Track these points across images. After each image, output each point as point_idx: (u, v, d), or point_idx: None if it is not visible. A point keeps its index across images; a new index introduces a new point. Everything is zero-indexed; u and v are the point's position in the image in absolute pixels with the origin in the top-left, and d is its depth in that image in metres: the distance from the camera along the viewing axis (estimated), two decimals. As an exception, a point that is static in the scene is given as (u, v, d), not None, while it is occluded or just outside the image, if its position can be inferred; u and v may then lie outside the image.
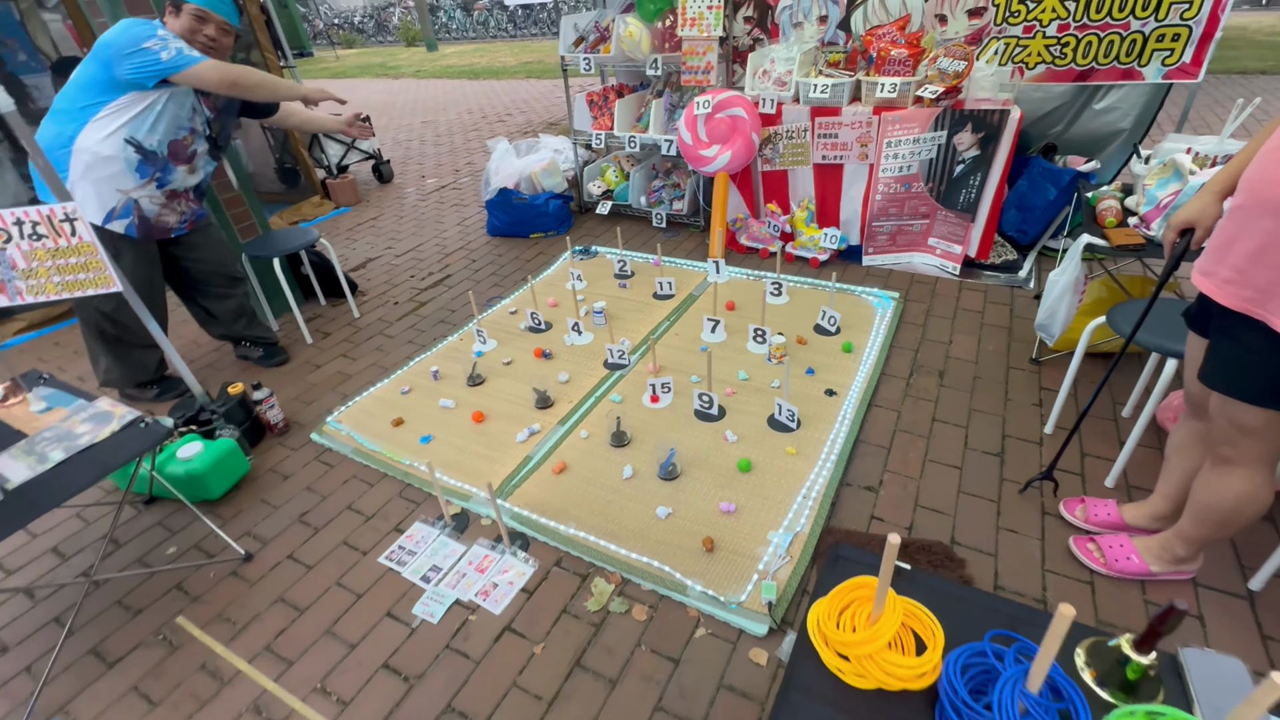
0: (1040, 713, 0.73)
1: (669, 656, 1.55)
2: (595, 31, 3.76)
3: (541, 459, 2.17)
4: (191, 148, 2.28)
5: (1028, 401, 2.28)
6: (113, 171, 2.14)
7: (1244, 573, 1.62)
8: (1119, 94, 3.10)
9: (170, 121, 2.19)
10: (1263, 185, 1.13)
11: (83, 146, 2.09)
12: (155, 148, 2.18)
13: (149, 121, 2.14)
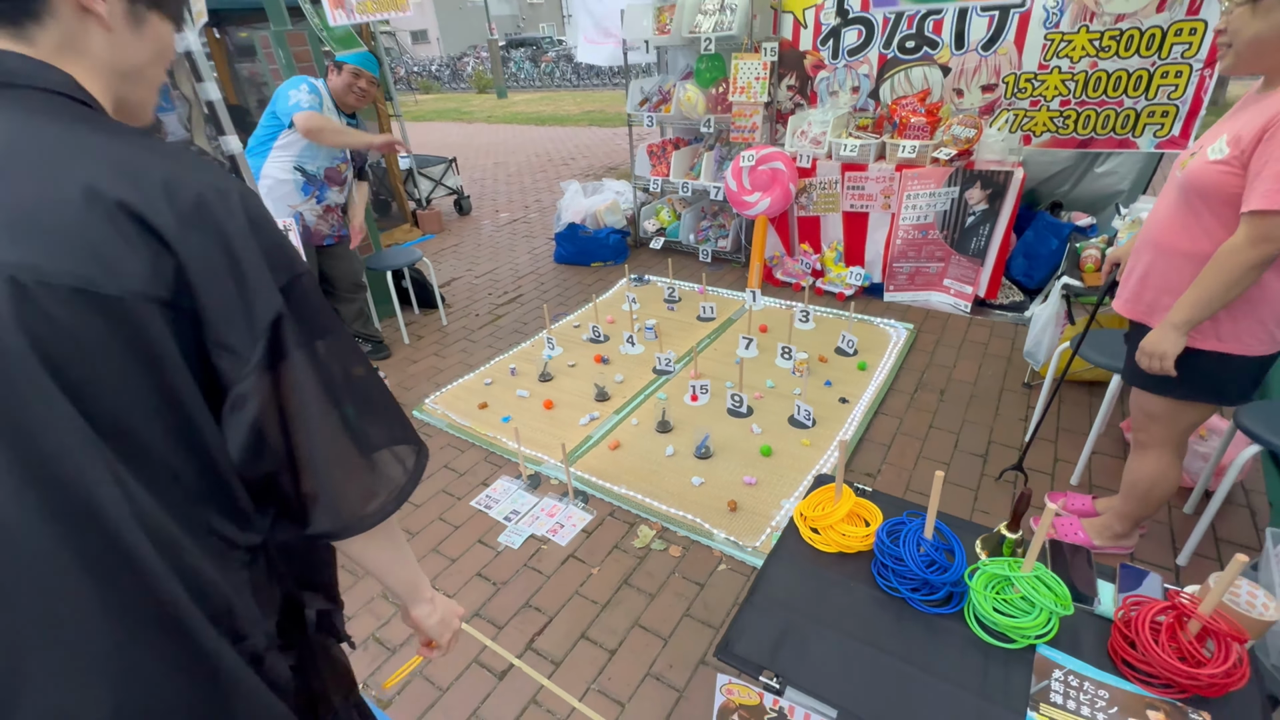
0: (930, 549, 1.17)
1: (696, 581, 1.99)
2: (658, 94, 4.40)
3: (600, 438, 2.66)
4: (344, 175, 2.96)
5: (1015, 417, 2.66)
6: (285, 191, 2.81)
7: (1175, 552, 1.96)
8: (1118, 159, 3.51)
9: (326, 153, 2.85)
10: (1145, 229, 1.57)
11: (266, 174, 2.78)
12: (315, 172, 2.85)
13: (311, 153, 2.80)
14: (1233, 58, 1.34)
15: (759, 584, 1.26)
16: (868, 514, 1.35)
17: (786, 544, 1.36)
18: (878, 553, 1.24)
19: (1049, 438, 2.50)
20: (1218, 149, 1.38)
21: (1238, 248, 1.33)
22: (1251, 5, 1.27)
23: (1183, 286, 1.48)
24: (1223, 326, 1.47)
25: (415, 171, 5.94)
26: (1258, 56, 1.31)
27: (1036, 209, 3.73)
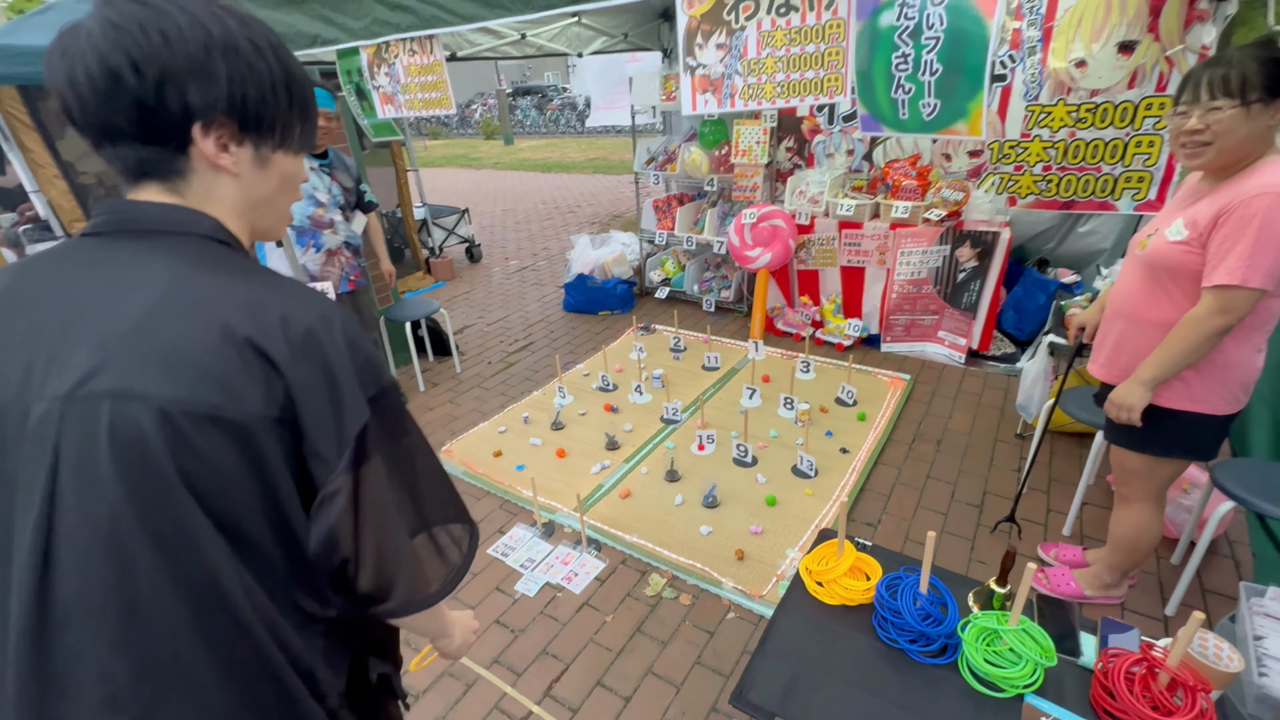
0: (925, 603, 1.28)
1: (706, 629, 2.08)
2: (664, 154, 4.66)
3: (611, 487, 2.77)
4: (327, 216, 2.92)
5: (1009, 468, 2.78)
6: (283, 250, 2.93)
7: (1163, 602, 2.06)
8: (1099, 220, 3.71)
9: (299, 206, 2.83)
10: (1113, 300, 1.73)
11: None
12: (301, 224, 2.86)
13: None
14: (1214, 155, 1.43)
15: (770, 634, 1.36)
16: (868, 568, 1.46)
17: (794, 596, 1.47)
18: (878, 606, 1.35)
19: (1040, 488, 2.62)
20: (1176, 231, 1.55)
21: (1200, 317, 1.49)
22: (1245, 109, 1.36)
23: (1149, 351, 1.63)
24: (1194, 389, 1.61)
25: (429, 221, 6.19)
26: (1238, 153, 1.42)
27: (1025, 264, 3.92)
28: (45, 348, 0.58)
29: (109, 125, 0.61)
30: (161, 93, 0.60)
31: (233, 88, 0.63)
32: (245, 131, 0.67)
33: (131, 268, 0.62)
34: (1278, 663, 1.42)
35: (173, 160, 0.65)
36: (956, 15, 1.01)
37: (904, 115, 1.15)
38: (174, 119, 0.62)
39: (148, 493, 0.57)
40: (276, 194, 0.74)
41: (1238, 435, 2.55)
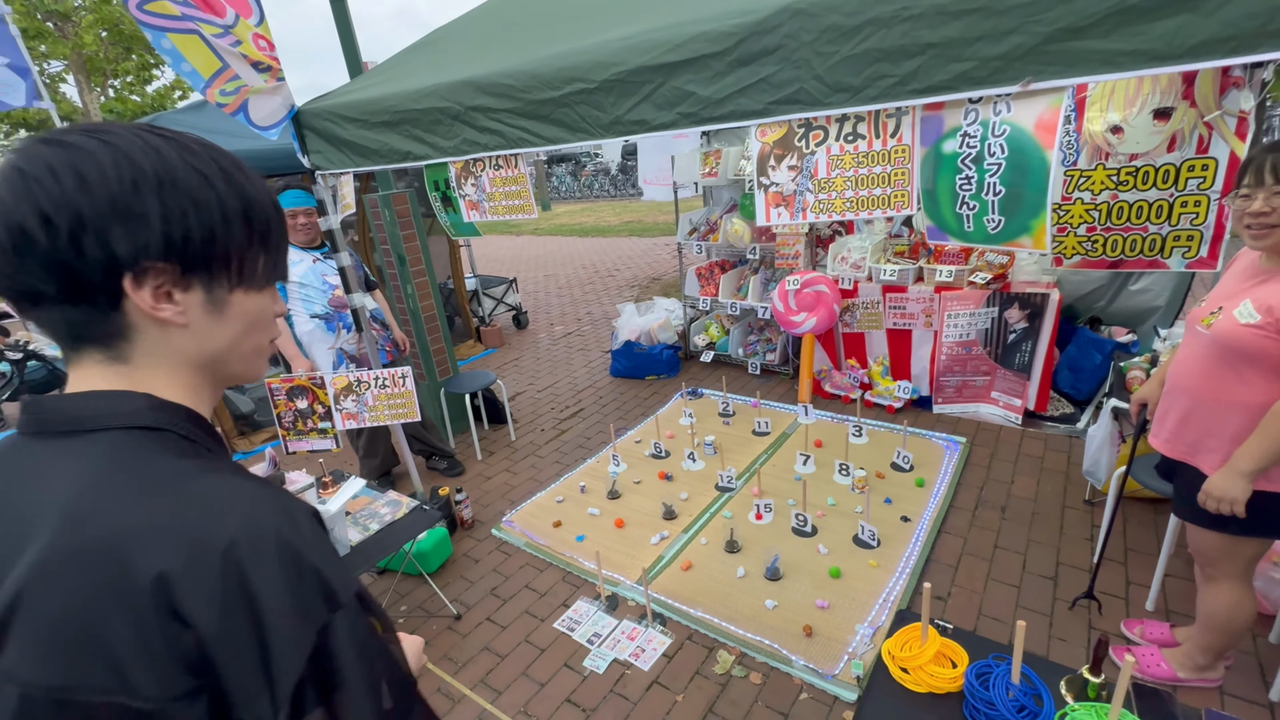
0: (1020, 694, 1.28)
1: (780, 711, 2.05)
2: (705, 225, 4.85)
3: (671, 558, 2.80)
4: (343, 299, 3.06)
5: (1080, 536, 2.71)
6: (319, 338, 3.06)
7: (1266, 686, 1.95)
8: (1151, 277, 3.70)
9: (317, 293, 3.01)
10: (1174, 375, 1.74)
11: (299, 331, 3.05)
12: (325, 311, 3.07)
13: (309, 300, 2.99)
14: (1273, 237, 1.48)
15: (859, 724, 1.36)
16: (953, 654, 1.46)
17: (878, 682, 1.47)
18: (969, 695, 1.35)
19: (1118, 559, 2.54)
20: (1246, 313, 1.55)
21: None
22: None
23: (1226, 430, 1.62)
24: (1271, 470, 1.59)
25: (480, 292, 6.49)
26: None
27: (1076, 323, 3.90)
28: None
29: (26, 288, 0.53)
30: (78, 244, 0.51)
31: (169, 227, 0.54)
32: (191, 274, 0.57)
33: (38, 494, 0.52)
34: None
35: (106, 321, 0.55)
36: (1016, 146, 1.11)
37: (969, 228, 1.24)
38: (98, 273, 0.53)
39: None
40: (240, 338, 0.63)
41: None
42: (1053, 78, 1.07)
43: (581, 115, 1.65)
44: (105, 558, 0.48)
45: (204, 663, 0.48)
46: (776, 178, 1.39)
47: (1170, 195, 3.41)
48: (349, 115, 2.35)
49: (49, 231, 0.51)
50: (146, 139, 0.55)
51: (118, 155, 0.53)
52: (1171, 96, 3.26)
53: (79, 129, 0.54)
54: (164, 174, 0.54)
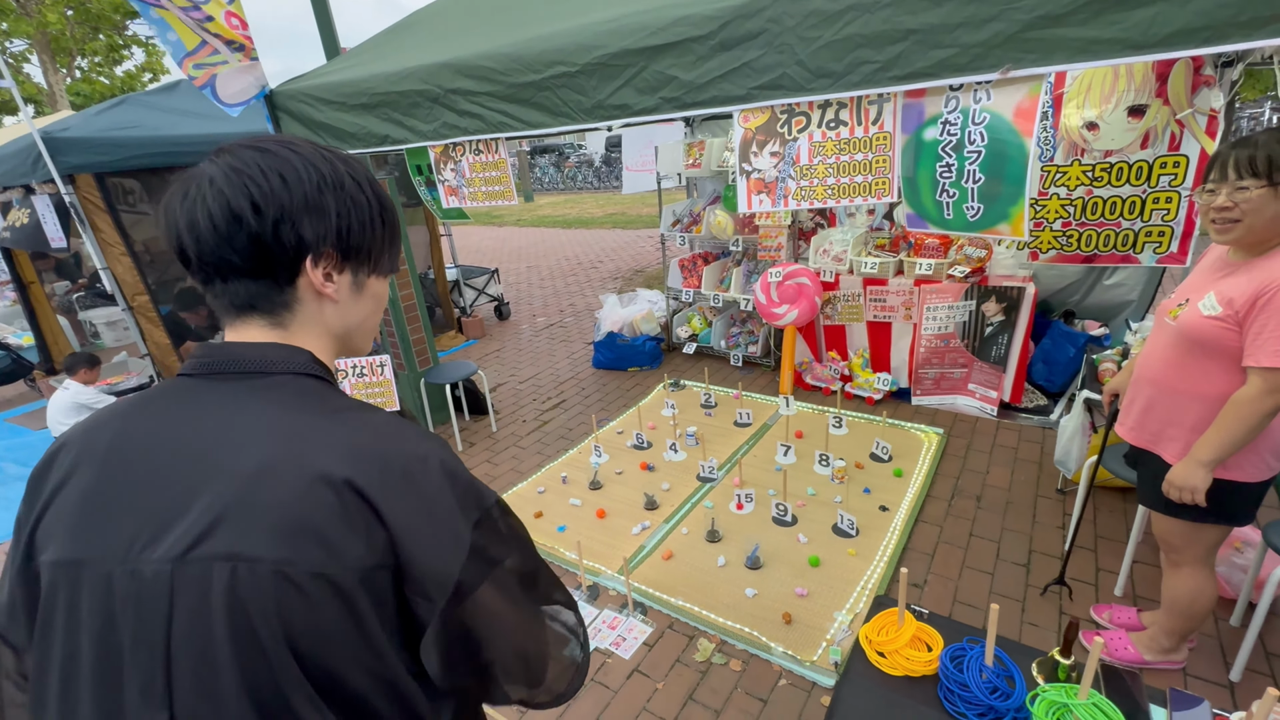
0: (992, 676, 1.30)
1: (759, 697, 2.07)
2: (689, 216, 4.85)
3: (653, 548, 2.80)
4: None
5: (1052, 524, 2.76)
6: None
7: (1226, 667, 2.02)
8: (1125, 272, 3.77)
9: None
10: (1141, 366, 1.78)
11: None
12: None
13: None
14: (1243, 231, 1.50)
15: (836, 707, 1.38)
16: (929, 638, 1.48)
17: (855, 666, 1.48)
18: (943, 678, 1.37)
19: (1088, 546, 2.59)
20: (1209, 305, 1.58)
21: (1253, 398, 1.50)
22: (1272, 189, 1.43)
23: (1186, 419, 1.66)
24: (1231, 459, 1.63)
25: (461, 282, 6.42)
26: (1270, 234, 1.48)
27: (1051, 317, 3.97)
28: (151, 507, 0.59)
29: (225, 263, 0.65)
30: (279, 230, 0.65)
31: (340, 221, 0.68)
32: (346, 260, 0.71)
33: (232, 420, 0.63)
34: (1355, 736, 1.40)
35: (280, 293, 0.68)
36: (996, 133, 1.12)
37: (949, 216, 1.25)
38: (288, 254, 0.66)
39: (254, 654, 0.57)
40: (368, 316, 0.78)
41: None
42: (1032, 65, 1.08)
43: (563, 99, 1.63)
44: (313, 465, 0.60)
45: (391, 546, 0.60)
46: (758, 164, 1.39)
47: (1143, 191, 3.48)
48: (325, 97, 2.29)
49: (258, 218, 0.64)
50: (321, 151, 0.70)
51: (306, 162, 0.67)
52: (1146, 94, 3.32)
53: (274, 140, 0.68)
54: (336, 179, 0.68)
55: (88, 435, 0.66)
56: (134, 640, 0.57)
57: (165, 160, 4.32)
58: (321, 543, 0.58)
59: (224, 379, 0.66)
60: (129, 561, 0.58)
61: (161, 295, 4.78)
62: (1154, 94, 3.28)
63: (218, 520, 0.58)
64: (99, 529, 0.60)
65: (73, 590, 0.60)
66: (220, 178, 0.64)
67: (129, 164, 4.13)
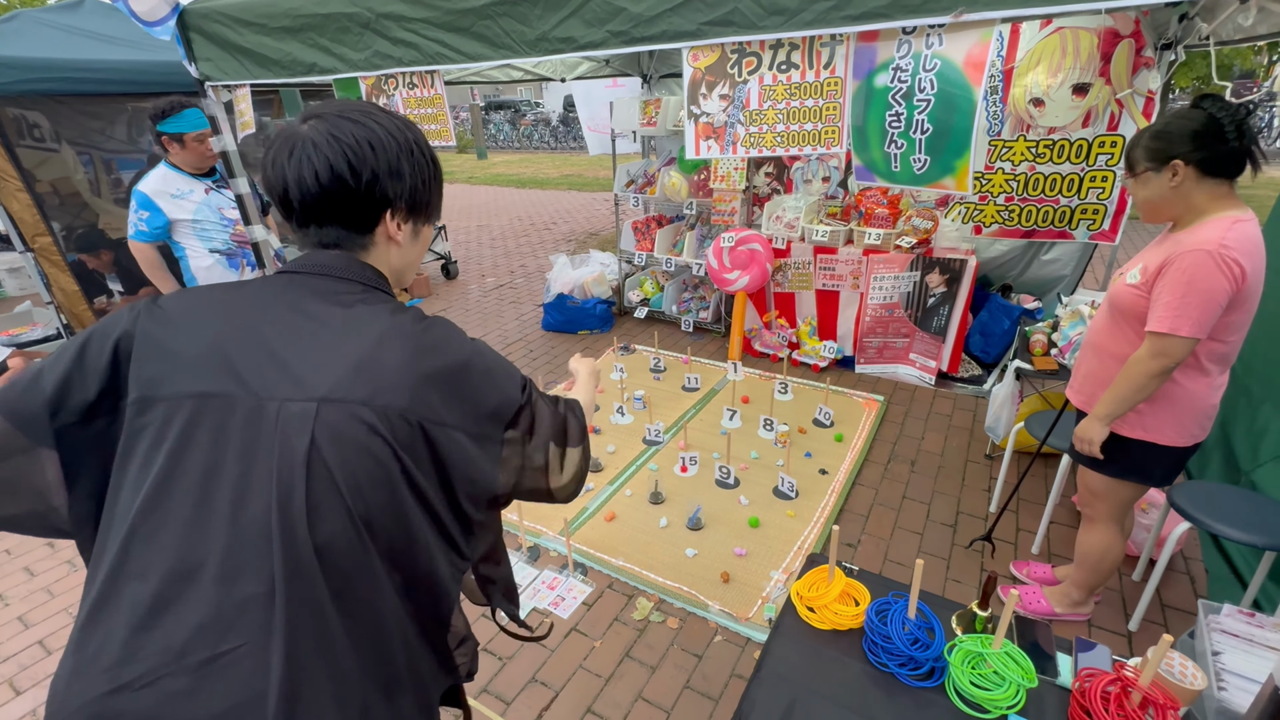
0: (913, 628, 1.34)
1: (694, 653, 2.10)
2: (644, 177, 4.73)
3: (595, 510, 2.79)
4: (244, 235, 2.84)
5: (979, 487, 2.89)
6: (220, 275, 2.78)
7: (1126, 618, 2.16)
8: (1061, 248, 3.91)
9: (215, 227, 2.74)
10: (1087, 334, 1.84)
11: (195, 269, 2.76)
12: (225, 245, 2.78)
13: (207, 235, 2.72)
14: (1141, 213, 1.68)
15: (765, 660, 1.40)
16: (857, 593, 1.51)
17: (786, 621, 1.51)
18: (868, 631, 1.40)
19: (1010, 508, 2.72)
20: (1134, 274, 1.67)
21: (1141, 359, 1.62)
22: (1134, 178, 1.61)
23: (1109, 381, 1.75)
24: (1148, 419, 1.72)
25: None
26: (1156, 212, 1.63)
27: (990, 290, 4.10)
28: (287, 360, 0.74)
29: (325, 213, 0.82)
30: (371, 189, 0.81)
31: (412, 181, 0.84)
32: (412, 213, 0.88)
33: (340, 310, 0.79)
34: (1235, 678, 1.52)
35: (361, 237, 0.85)
36: (946, 82, 1.09)
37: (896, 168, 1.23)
38: (375, 207, 0.83)
39: (378, 472, 0.73)
40: (419, 255, 0.96)
41: (1197, 459, 2.71)
42: (984, 9, 1.05)
43: (505, 29, 1.51)
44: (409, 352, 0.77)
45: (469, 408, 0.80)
46: (707, 107, 1.32)
47: (1081, 170, 3.58)
48: (244, 18, 2.08)
49: (355, 179, 0.79)
50: (396, 121, 0.85)
51: (388, 132, 0.82)
52: (1090, 72, 3.38)
53: (358, 109, 0.83)
54: (409, 147, 0.84)
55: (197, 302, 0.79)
56: (280, 459, 0.70)
57: (69, 87, 3.89)
58: (421, 401, 0.75)
59: (322, 279, 0.81)
60: (277, 399, 0.72)
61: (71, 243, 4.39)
62: (1098, 73, 3.35)
63: (348, 377, 0.73)
64: (238, 374, 0.73)
65: (221, 417, 0.72)
66: (322, 142, 0.78)
67: (21, 88, 3.69)
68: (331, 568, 0.71)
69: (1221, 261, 1.48)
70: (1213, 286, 1.49)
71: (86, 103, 4.29)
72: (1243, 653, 1.57)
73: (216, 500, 0.71)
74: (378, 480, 0.73)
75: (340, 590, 0.72)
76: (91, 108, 4.35)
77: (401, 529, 0.75)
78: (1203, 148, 1.51)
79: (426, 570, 0.79)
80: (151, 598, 0.68)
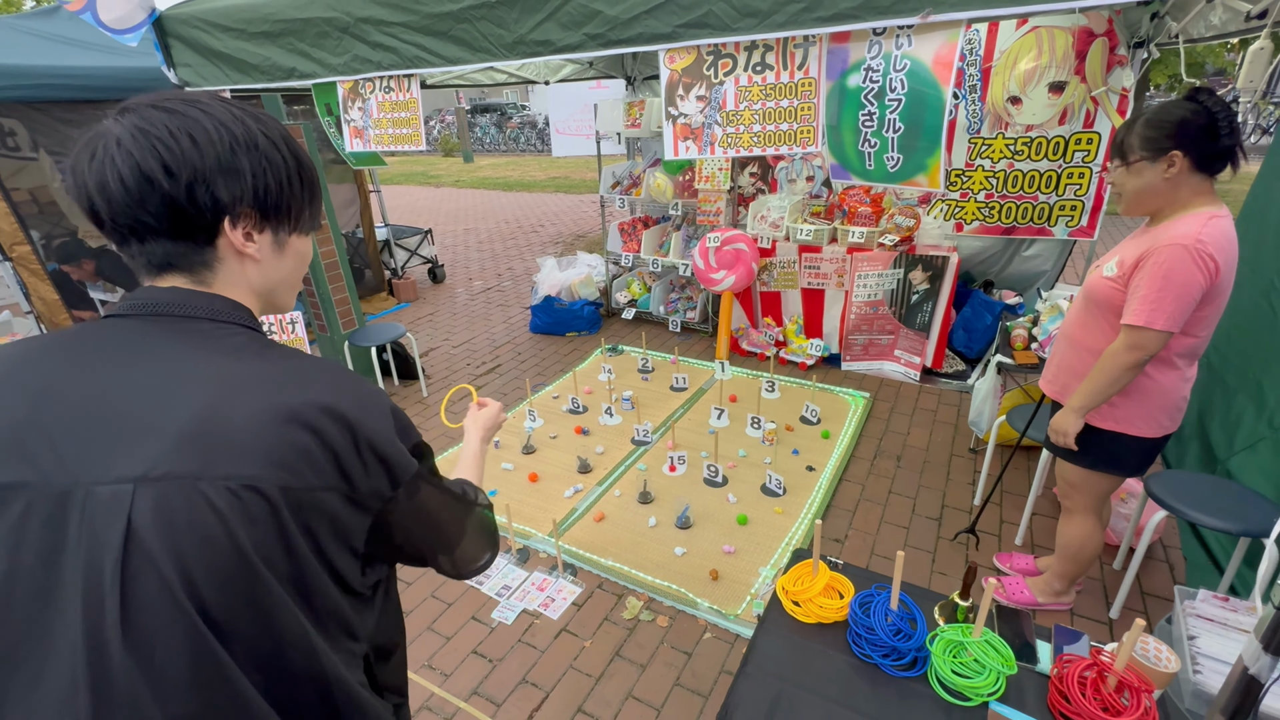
0: (896, 619, 1.35)
1: (684, 651, 2.11)
2: (629, 178, 4.75)
3: (585, 510, 2.79)
4: None
5: (964, 480, 2.93)
6: None
7: (1108, 606, 2.20)
8: (1041, 245, 3.97)
9: None
10: (1062, 325, 1.87)
11: None
12: None
13: None
14: (1126, 204, 1.67)
15: (751, 655, 1.41)
16: (841, 587, 1.53)
17: (772, 616, 1.52)
18: (852, 623, 1.42)
19: (994, 500, 2.76)
20: (1110, 267, 1.70)
21: (1116, 351, 1.64)
22: (1126, 167, 1.60)
23: (1084, 373, 1.78)
24: (1119, 411, 1.76)
25: (392, 242, 6.11)
26: (1141, 204, 1.64)
27: (972, 287, 4.15)
28: (98, 436, 0.59)
29: (140, 224, 0.65)
30: (193, 192, 0.65)
31: (256, 181, 0.69)
32: (266, 220, 0.72)
33: (175, 358, 0.65)
34: (1210, 660, 1.55)
35: (200, 253, 0.69)
36: (916, 81, 1.11)
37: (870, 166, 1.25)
38: (205, 215, 0.67)
39: (225, 562, 0.59)
40: (291, 273, 0.80)
41: (1175, 449, 2.76)
42: (950, 10, 1.08)
43: (483, 32, 1.52)
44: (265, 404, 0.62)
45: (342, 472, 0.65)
46: (685, 108, 1.34)
47: (1059, 166, 3.64)
48: (223, 23, 2.07)
49: (171, 181, 0.63)
50: (231, 109, 0.69)
51: (217, 122, 0.66)
52: (1066, 71, 3.44)
53: (177, 98, 0.67)
54: (249, 138, 0.68)
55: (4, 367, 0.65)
56: (87, 557, 0.57)
57: (46, 94, 3.84)
58: (280, 466, 0.61)
59: (154, 322, 0.67)
60: (83, 484, 0.58)
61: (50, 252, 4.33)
62: (1073, 71, 3.41)
63: (178, 447, 0.59)
64: (32, 455, 0.59)
65: (13, 512, 0.58)
66: (127, 139, 0.63)
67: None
68: (166, 695, 0.57)
69: (1197, 256, 1.50)
70: (1188, 280, 1.52)
71: (64, 109, 4.24)
72: (1218, 636, 1.60)
73: (8, 629, 0.57)
74: (223, 570, 0.58)
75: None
76: (69, 114, 4.30)
77: (264, 625, 0.61)
78: (1201, 140, 1.51)
79: (306, 671, 0.65)
80: None
